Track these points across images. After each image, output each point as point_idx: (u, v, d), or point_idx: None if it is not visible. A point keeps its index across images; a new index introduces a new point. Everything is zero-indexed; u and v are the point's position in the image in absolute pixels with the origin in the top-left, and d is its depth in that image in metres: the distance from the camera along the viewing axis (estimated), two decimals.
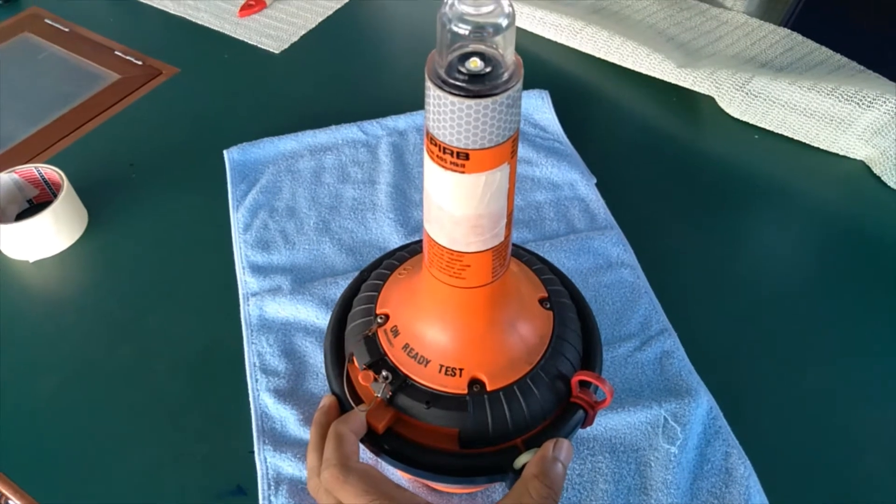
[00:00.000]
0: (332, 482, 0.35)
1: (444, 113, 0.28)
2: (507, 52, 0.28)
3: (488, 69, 0.28)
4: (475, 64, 0.28)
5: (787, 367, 0.56)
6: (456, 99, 0.27)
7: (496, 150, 0.29)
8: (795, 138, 0.73)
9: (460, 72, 0.28)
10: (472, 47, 0.28)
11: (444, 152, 0.29)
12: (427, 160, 0.31)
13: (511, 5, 0.27)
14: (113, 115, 0.76)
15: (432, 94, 0.28)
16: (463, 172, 0.30)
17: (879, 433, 0.52)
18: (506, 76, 0.28)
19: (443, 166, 0.30)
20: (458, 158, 0.29)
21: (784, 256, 0.64)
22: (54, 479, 0.50)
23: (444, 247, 0.34)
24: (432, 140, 0.30)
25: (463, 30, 0.27)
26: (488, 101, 0.27)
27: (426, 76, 0.28)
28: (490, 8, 0.26)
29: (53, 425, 0.53)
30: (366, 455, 0.44)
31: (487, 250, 0.34)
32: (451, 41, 0.27)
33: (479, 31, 0.27)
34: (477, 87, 0.27)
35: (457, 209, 0.31)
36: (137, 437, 0.52)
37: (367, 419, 0.38)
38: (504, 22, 0.27)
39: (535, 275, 0.43)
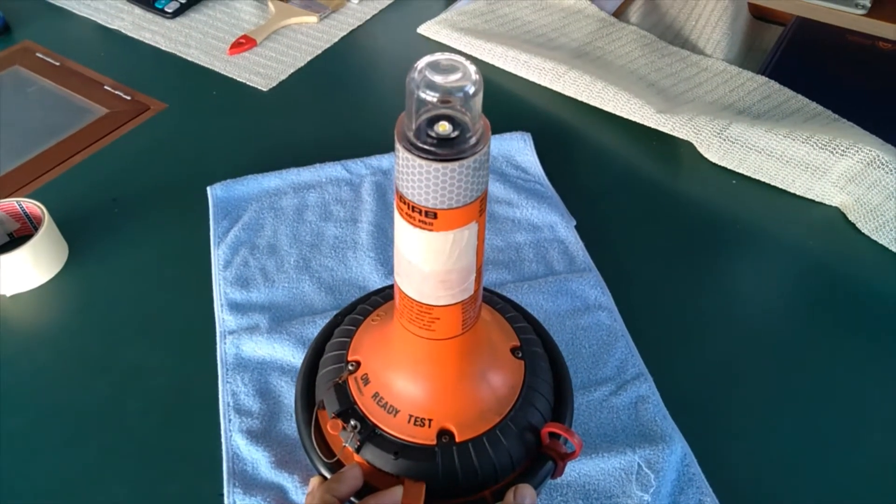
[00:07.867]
0: None
1: (413, 174, 0.29)
2: (474, 115, 0.28)
3: (456, 133, 0.28)
4: (444, 128, 0.28)
5: (762, 414, 0.56)
6: (424, 162, 0.28)
7: (464, 209, 0.30)
8: (772, 184, 0.74)
9: (429, 135, 0.28)
10: (440, 110, 0.29)
11: (413, 210, 0.30)
12: (397, 216, 0.31)
13: (478, 72, 0.27)
14: (99, 150, 0.77)
15: (401, 155, 0.29)
16: (431, 230, 0.30)
17: (856, 483, 0.52)
18: (473, 140, 0.28)
19: (412, 223, 0.31)
20: (426, 217, 0.30)
21: (761, 302, 0.65)
22: None
23: (414, 299, 0.34)
24: (401, 198, 0.30)
25: (431, 96, 0.27)
26: (456, 164, 0.28)
27: (395, 138, 0.29)
28: (458, 75, 0.27)
29: (20, 464, 0.52)
30: None
31: (457, 303, 0.34)
32: (419, 106, 0.28)
33: (447, 97, 0.27)
34: (445, 150, 0.28)
35: (425, 265, 0.32)
36: (106, 477, 0.51)
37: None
38: (471, 89, 0.27)
39: (508, 323, 0.44)
